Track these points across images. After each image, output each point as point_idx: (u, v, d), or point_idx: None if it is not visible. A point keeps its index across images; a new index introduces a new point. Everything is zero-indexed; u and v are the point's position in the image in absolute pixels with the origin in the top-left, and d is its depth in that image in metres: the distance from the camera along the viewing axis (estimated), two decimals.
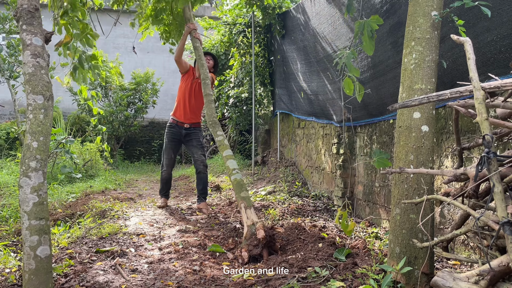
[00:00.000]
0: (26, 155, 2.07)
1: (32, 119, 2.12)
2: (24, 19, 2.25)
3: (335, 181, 5.03)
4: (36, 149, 2.08)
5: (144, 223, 4.16)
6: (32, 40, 2.23)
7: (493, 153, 1.58)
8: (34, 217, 2.00)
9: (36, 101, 2.14)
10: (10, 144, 9.82)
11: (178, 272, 2.84)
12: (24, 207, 2.01)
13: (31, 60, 2.19)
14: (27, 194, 2.01)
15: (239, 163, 8.61)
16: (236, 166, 3.69)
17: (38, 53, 2.22)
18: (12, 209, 4.56)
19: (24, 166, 2.06)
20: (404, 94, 2.45)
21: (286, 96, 6.79)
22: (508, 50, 2.41)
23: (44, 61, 2.24)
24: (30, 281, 1.93)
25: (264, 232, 3.14)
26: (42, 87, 2.17)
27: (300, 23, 5.59)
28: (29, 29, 2.24)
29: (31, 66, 2.18)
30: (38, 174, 2.06)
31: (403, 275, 2.32)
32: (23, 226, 2.01)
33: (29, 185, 2.02)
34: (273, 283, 2.58)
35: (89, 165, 7.68)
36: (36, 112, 2.13)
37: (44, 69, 2.22)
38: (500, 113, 2.09)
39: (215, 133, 4.11)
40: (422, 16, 2.42)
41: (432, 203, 2.39)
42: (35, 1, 2.28)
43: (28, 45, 2.22)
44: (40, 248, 1.97)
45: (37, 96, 2.15)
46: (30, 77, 2.17)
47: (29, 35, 2.23)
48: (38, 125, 2.12)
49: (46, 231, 2.04)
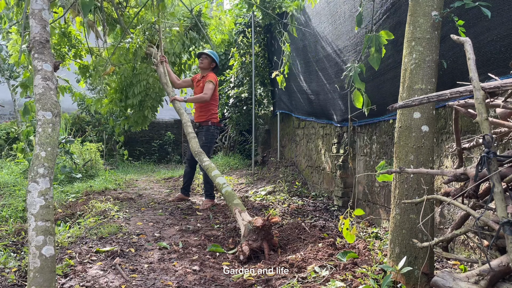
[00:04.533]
0: (35, 163, 2.27)
1: (41, 132, 2.37)
2: (36, 49, 2.59)
3: (335, 181, 5.03)
4: (44, 158, 2.29)
5: (144, 223, 4.16)
6: (43, 66, 2.55)
7: (493, 153, 1.58)
8: (40, 219, 2.14)
9: (45, 116, 2.41)
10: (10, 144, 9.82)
11: (178, 272, 2.84)
12: (31, 210, 2.16)
13: (42, 82, 2.49)
14: (34, 198, 2.18)
15: (239, 163, 8.61)
16: (225, 181, 4.02)
17: (48, 77, 2.53)
18: (12, 209, 4.56)
19: (33, 173, 2.25)
20: (404, 94, 2.45)
21: (286, 96, 6.78)
22: (508, 50, 2.40)
23: (53, 84, 2.54)
24: (34, 279, 2.01)
25: (262, 221, 3.21)
26: (51, 105, 2.44)
27: (300, 23, 5.59)
28: (40, 57, 2.57)
29: (41, 87, 2.48)
30: (46, 180, 2.24)
31: (403, 275, 2.32)
32: (29, 227, 2.14)
33: (36, 190, 2.19)
34: (273, 283, 2.58)
35: (89, 165, 7.68)
36: (45, 126, 2.38)
37: (52, 90, 2.51)
38: (500, 113, 2.09)
39: (201, 161, 4.54)
40: (422, 16, 2.42)
41: (432, 203, 2.38)
42: (46, 34, 2.63)
43: (39, 70, 2.53)
44: (45, 248, 2.09)
45: (46, 113, 2.41)
46: (40, 96, 2.45)
47: (40, 62, 2.56)
48: (47, 137, 2.36)
49: (51, 232, 2.16)
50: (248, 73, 7.54)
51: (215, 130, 5.34)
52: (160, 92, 5.91)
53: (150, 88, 5.78)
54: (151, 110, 5.99)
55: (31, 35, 2.63)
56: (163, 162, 12.23)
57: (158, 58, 5.62)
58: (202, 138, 5.17)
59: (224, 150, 9.75)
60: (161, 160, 12.30)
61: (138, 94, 5.69)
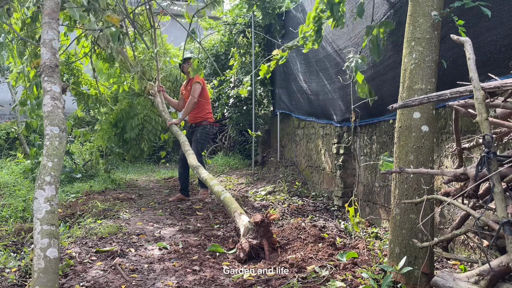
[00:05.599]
0: (42, 172, 2.45)
1: (48, 145, 2.57)
2: (46, 72, 2.88)
3: (335, 181, 5.02)
4: (51, 168, 2.47)
5: (144, 223, 4.16)
6: (52, 87, 2.83)
7: (493, 153, 1.58)
8: (45, 223, 2.27)
9: (53, 131, 2.63)
10: (10, 144, 9.81)
11: (178, 272, 2.84)
12: (37, 215, 2.30)
13: (50, 101, 2.76)
14: (40, 204, 2.33)
15: (239, 163, 8.61)
16: (223, 189, 4.15)
17: (56, 97, 2.80)
18: (12, 209, 4.56)
19: (40, 181, 2.41)
20: (404, 94, 2.45)
21: (286, 96, 6.78)
22: (508, 50, 2.40)
23: (60, 103, 2.80)
24: (38, 279, 2.09)
25: (261, 216, 3.23)
26: (58, 121, 2.67)
27: (300, 22, 5.59)
28: (49, 79, 2.86)
29: (50, 106, 2.74)
30: (52, 188, 2.41)
31: (403, 275, 2.32)
32: (35, 231, 2.26)
33: (43, 196, 2.36)
34: (273, 283, 2.58)
35: (89, 165, 7.67)
36: (52, 139, 2.59)
37: (60, 108, 2.76)
38: (500, 113, 2.09)
39: (199, 174, 4.65)
40: (422, 16, 2.42)
41: (432, 203, 2.38)
42: (55, 60, 2.96)
43: (48, 90, 2.81)
44: (49, 250, 2.20)
45: (53, 128, 2.64)
46: (49, 113, 2.70)
47: (50, 84, 2.84)
48: (54, 150, 2.55)
49: (56, 235, 2.28)
50: (248, 73, 7.54)
51: (211, 129, 5.58)
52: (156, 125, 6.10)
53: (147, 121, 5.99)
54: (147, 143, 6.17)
55: (42, 60, 2.94)
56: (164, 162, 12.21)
57: (156, 89, 5.89)
58: (197, 135, 5.44)
59: (224, 150, 9.75)
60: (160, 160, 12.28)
61: (135, 127, 5.89)
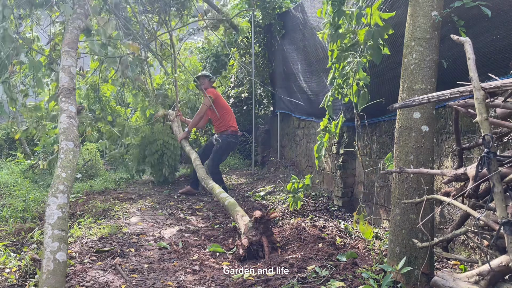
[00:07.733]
0: (56, 181, 2.64)
1: (63, 158, 2.81)
2: (64, 93, 3.19)
3: (335, 181, 5.02)
4: (65, 178, 2.68)
5: (144, 223, 4.16)
6: (68, 107, 3.13)
7: (493, 153, 1.58)
8: (56, 228, 2.41)
9: (68, 145, 2.88)
10: (10, 144, 9.80)
11: (178, 272, 2.84)
12: (49, 220, 2.45)
13: (66, 119, 3.05)
14: (53, 210, 2.50)
15: (239, 163, 8.61)
16: (227, 195, 4.35)
17: (72, 116, 3.11)
18: (12, 209, 4.56)
19: (53, 189, 2.60)
20: (404, 94, 2.45)
21: (286, 96, 6.77)
22: (508, 50, 2.40)
23: (75, 122, 3.11)
24: (47, 280, 2.20)
25: (261, 213, 3.27)
26: (73, 137, 2.95)
27: (300, 22, 5.59)
28: (66, 100, 3.16)
29: (66, 123, 3.03)
30: (64, 196, 2.60)
31: (403, 275, 2.32)
32: (45, 235, 2.40)
33: (55, 203, 2.54)
34: (273, 283, 2.58)
35: (89, 165, 7.67)
36: (67, 153, 2.84)
37: (75, 126, 3.07)
38: (500, 113, 2.09)
39: (207, 184, 4.96)
40: (422, 16, 2.42)
41: (432, 203, 2.39)
42: (72, 84, 3.32)
43: (65, 110, 3.11)
44: (59, 253, 2.32)
45: (68, 142, 2.91)
46: (65, 130, 2.97)
47: (66, 104, 3.13)
48: (68, 162, 2.79)
49: (65, 240, 2.41)
50: (248, 73, 7.54)
51: (232, 138, 5.78)
52: (175, 150, 6.27)
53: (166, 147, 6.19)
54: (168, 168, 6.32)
55: (60, 83, 3.27)
56: None
57: (174, 114, 6.27)
58: (217, 145, 5.70)
59: None
60: None
61: (155, 152, 6.12)
